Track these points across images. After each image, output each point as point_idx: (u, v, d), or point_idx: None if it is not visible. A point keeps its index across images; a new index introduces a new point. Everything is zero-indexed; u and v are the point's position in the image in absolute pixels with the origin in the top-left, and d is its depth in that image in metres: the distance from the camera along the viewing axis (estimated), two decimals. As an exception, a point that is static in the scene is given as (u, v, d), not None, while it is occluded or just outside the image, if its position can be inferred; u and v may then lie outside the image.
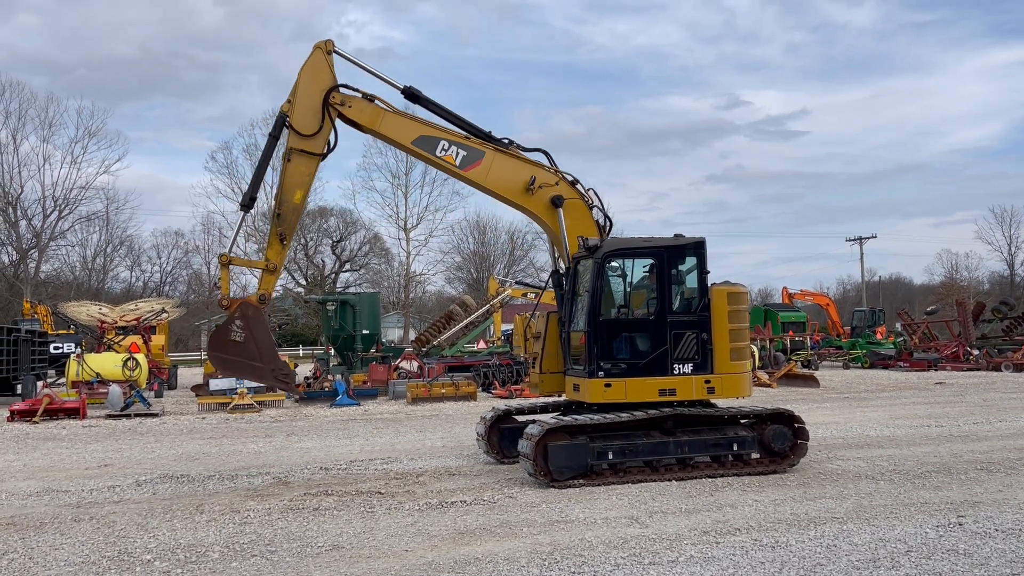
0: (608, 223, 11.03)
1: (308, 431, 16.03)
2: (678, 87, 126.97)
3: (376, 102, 10.58)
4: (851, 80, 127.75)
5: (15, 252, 55.74)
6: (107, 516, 8.59)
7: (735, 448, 10.10)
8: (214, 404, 20.83)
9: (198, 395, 22.37)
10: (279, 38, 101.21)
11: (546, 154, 11.03)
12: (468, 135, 10.81)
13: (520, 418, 11.50)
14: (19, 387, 23.97)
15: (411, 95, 10.81)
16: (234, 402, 20.31)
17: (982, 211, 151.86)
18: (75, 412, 19.00)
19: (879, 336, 40.11)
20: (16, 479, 11.02)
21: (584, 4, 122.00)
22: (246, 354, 9.96)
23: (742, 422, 10.43)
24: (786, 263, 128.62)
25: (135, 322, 28.29)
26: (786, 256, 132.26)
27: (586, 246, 10.28)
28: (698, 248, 10.36)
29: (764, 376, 25.77)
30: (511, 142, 10.96)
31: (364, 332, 27.37)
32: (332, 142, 10.47)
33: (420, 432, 15.35)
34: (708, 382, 10.09)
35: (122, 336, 27.46)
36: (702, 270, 10.27)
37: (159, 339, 30.58)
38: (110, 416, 18.85)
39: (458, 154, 10.67)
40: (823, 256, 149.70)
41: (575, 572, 6.35)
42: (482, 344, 34.87)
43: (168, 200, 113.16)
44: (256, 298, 10.17)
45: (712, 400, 10.44)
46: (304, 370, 29.66)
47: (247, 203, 10.52)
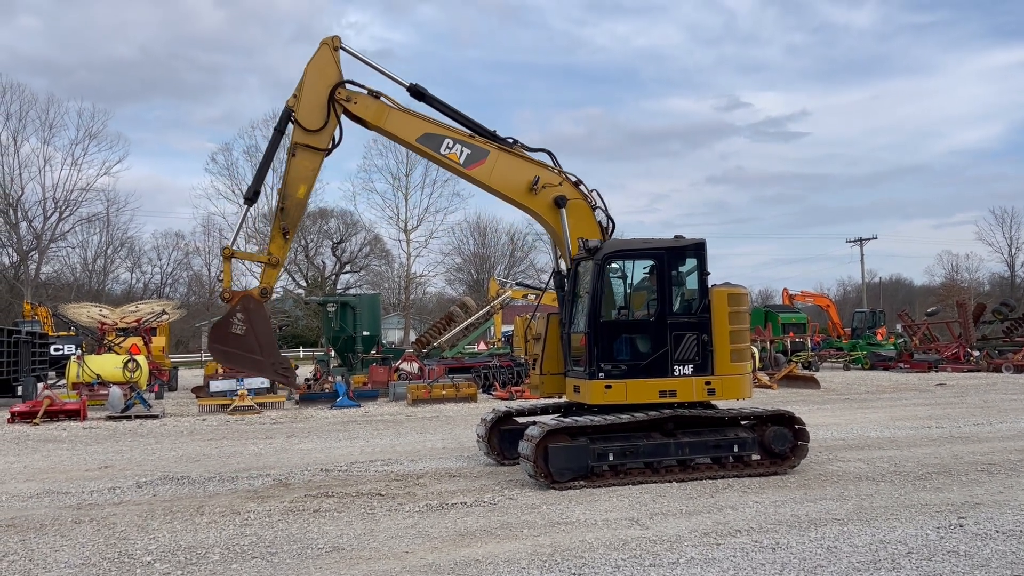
0: (611, 224, 11.03)
1: (308, 433, 16.03)
2: (678, 88, 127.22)
3: (382, 99, 10.58)
4: (851, 81, 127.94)
5: (16, 254, 55.82)
6: (108, 518, 8.58)
7: (736, 449, 10.09)
8: (214, 406, 20.83)
9: (198, 397, 22.34)
10: (279, 40, 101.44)
11: (550, 154, 11.02)
12: (473, 134, 10.79)
13: (520, 419, 11.49)
14: (20, 389, 23.95)
15: (417, 93, 10.81)
16: (234, 404, 20.31)
17: (982, 212, 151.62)
18: (76, 414, 18.99)
19: (879, 337, 40.07)
20: (16, 481, 11.02)
21: (584, 6, 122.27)
22: (247, 347, 9.98)
23: (743, 423, 10.43)
24: (786, 264, 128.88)
25: (135, 324, 28.25)
26: (786, 257, 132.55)
27: (586, 247, 10.27)
28: (698, 249, 10.36)
29: (764, 377, 25.78)
30: (515, 141, 10.95)
31: (364, 334, 27.40)
32: (337, 138, 10.48)
33: (420, 433, 15.35)
34: (708, 383, 10.09)
35: (122, 338, 27.44)
36: (702, 271, 10.27)
37: (159, 341, 30.56)
38: (111, 418, 18.86)
39: (462, 152, 10.65)
40: (823, 257, 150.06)
41: (575, 574, 6.35)
42: (482, 345, 34.81)
43: (168, 202, 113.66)
44: (258, 291, 10.19)
45: (712, 401, 10.45)
46: (304, 371, 29.66)
47: (251, 196, 10.54)
